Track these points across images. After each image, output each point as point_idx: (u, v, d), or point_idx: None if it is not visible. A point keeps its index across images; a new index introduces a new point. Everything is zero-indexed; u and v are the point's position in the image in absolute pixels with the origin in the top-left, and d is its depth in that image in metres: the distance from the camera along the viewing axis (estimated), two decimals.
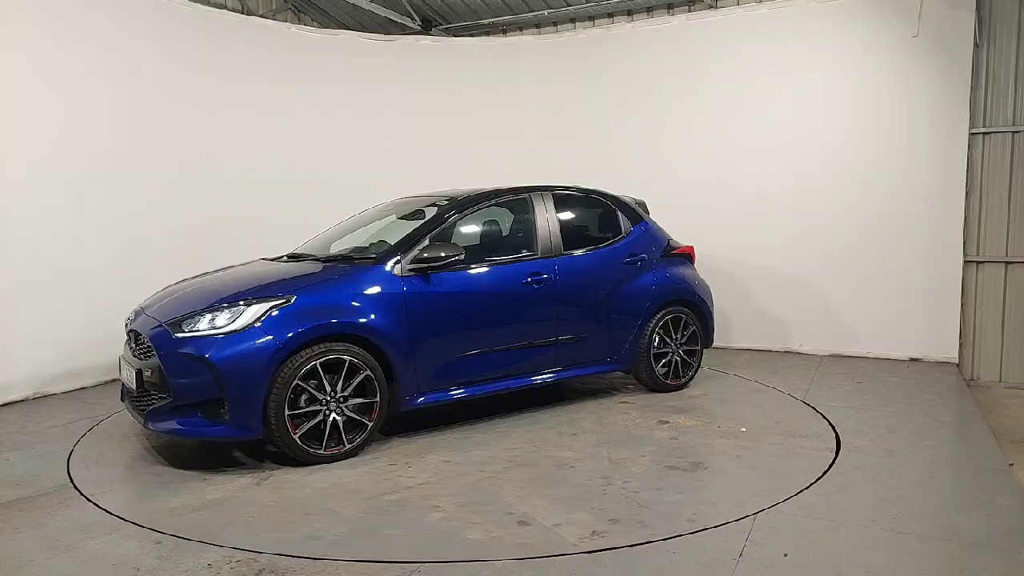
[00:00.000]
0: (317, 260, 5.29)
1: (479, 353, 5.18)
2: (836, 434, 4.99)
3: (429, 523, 3.65)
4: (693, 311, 6.30)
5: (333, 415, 4.50)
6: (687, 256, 6.48)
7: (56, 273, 6.39)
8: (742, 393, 6.17)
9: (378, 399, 4.65)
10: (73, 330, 6.49)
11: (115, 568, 3.18)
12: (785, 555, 3.23)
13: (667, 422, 5.30)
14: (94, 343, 6.64)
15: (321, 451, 4.48)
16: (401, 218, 5.79)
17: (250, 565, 3.18)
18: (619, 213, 6.15)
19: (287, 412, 4.34)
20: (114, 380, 6.73)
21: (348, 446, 4.56)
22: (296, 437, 4.38)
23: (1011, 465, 4.55)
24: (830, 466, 4.37)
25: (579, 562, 3.19)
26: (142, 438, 5.08)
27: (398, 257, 4.92)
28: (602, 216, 6.15)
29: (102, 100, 6.74)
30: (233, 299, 4.50)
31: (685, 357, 6.25)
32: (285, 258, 5.55)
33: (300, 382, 4.38)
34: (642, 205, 6.51)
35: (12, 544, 3.44)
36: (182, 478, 4.33)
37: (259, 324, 4.34)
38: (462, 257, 5.02)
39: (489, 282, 5.26)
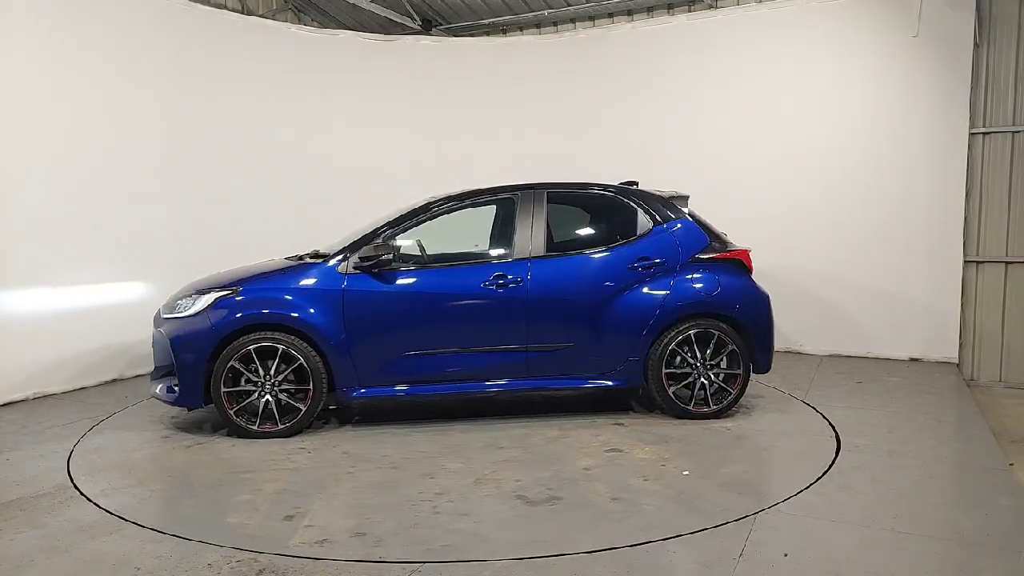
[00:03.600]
0: (298, 258, 5.41)
1: (427, 353, 5.13)
2: (836, 434, 4.98)
3: (228, 503, 3.88)
4: (734, 327, 5.33)
5: (267, 396, 4.95)
6: (734, 262, 5.47)
7: (56, 273, 6.38)
8: (778, 435, 5.01)
9: (311, 387, 4.96)
10: (73, 330, 6.49)
11: (115, 568, 3.18)
12: (785, 555, 3.23)
13: (619, 451, 4.65)
14: (94, 343, 6.64)
15: (254, 428, 4.95)
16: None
17: (250, 565, 3.18)
18: (639, 213, 5.47)
19: (224, 389, 4.89)
20: (114, 380, 6.75)
21: (281, 427, 4.97)
22: (231, 412, 4.93)
23: (1011, 465, 4.55)
24: (830, 466, 4.36)
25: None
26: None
27: (345, 255, 5.12)
28: (611, 216, 5.59)
29: (102, 100, 6.73)
30: (198, 289, 5.11)
31: (719, 382, 5.33)
32: (306, 257, 5.50)
33: (237, 364, 4.88)
34: (680, 201, 5.62)
35: (12, 544, 3.44)
36: (150, 441, 5.04)
37: (204, 311, 4.94)
38: (391, 257, 5.05)
39: (441, 283, 5.15)
